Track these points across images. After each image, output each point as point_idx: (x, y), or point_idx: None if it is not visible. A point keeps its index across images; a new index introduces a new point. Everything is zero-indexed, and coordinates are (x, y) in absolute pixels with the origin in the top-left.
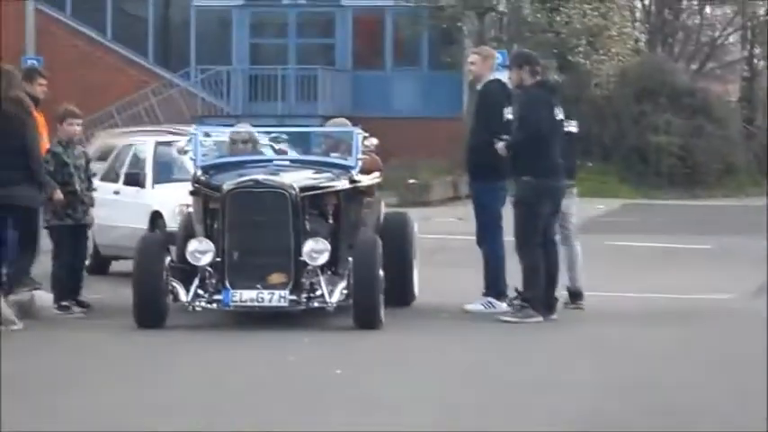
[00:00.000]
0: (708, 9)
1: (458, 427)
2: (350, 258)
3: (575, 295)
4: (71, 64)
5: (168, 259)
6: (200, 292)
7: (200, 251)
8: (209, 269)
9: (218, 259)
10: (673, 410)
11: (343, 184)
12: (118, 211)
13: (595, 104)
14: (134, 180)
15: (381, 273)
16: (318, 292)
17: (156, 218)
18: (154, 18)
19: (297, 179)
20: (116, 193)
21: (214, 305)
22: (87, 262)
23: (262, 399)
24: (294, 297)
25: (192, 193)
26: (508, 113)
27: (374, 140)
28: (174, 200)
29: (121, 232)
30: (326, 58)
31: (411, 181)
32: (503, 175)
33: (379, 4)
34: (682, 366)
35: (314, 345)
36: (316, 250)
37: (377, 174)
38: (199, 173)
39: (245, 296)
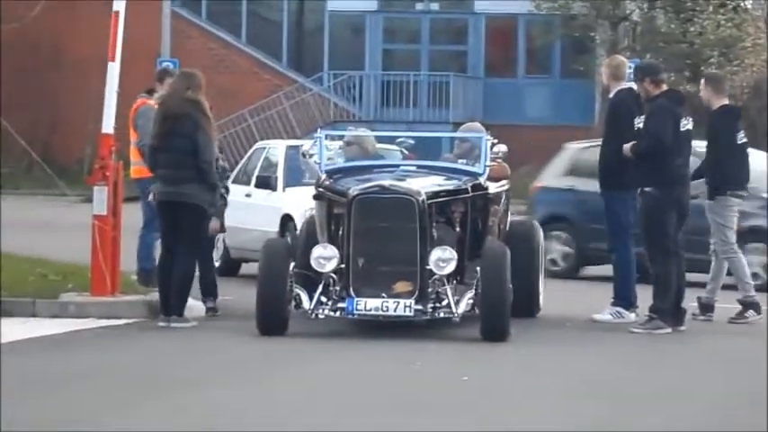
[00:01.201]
0: None
1: None
2: (477, 268)
3: (705, 307)
4: (205, 67)
5: (292, 265)
6: (323, 299)
7: (325, 257)
8: (334, 276)
9: (343, 266)
10: None
11: (470, 190)
12: (249, 214)
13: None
14: (265, 183)
15: (509, 283)
16: (444, 302)
17: (286, 221)
18: (288, 22)
19: (424, 185)
20: (247, 195)
21: (337, 313)
22: (217, 264)
23: (387, 402)
24: (420, 307)
25: (315, 197)
26: (639, 123)
27: (503, 147)
28: (304, 203)
29: (252, 235)
30: (459, 65)
31: None
32: (633, 184)
33: (512, 12)
34: None
35: (440, 353)
36: (443, 259)
37: (504, 181)
38: (323, 177)
39: (370, 305)
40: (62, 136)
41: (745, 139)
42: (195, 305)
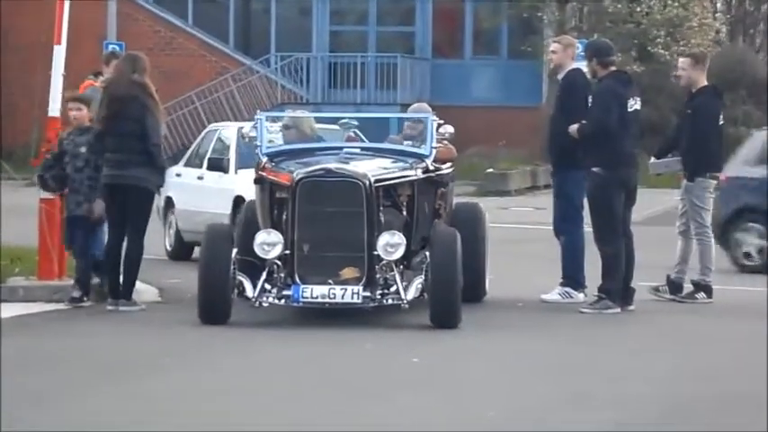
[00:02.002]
0: None
1: (533, 415)
2: (427, 253)
3: (675, 286)
4: (152, 50)
5: (235, 251)
6: (268, 286)
7: (269, 243)
8: (278, 262)
9: (287, 252)
10: (746, 400)
11: (417, 173)
12: (201, 197)
13: (674, 96)
14: (217, 165)
15: (460, 269)
16: (393, 289)
17: (239, 203)
18: (234, 4)
19: (370, 168)
20: (199, 178)
21: (282, 301)
22: (170, 248)
23: (336, 387)
24: (368, 293)
25: (256, 181)
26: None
27: (449, 128)
28: None
29: (204, 218)
30: (406, 47)
31: (489, 170)
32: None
33: None
34: (752, 358)
35: (389, 339)
36: (391, 244)
37: (450, 163)
38: (264, 160)
39: (316, 292)
40: (8, 119)
41: (722, 120)
42: (144, 288)
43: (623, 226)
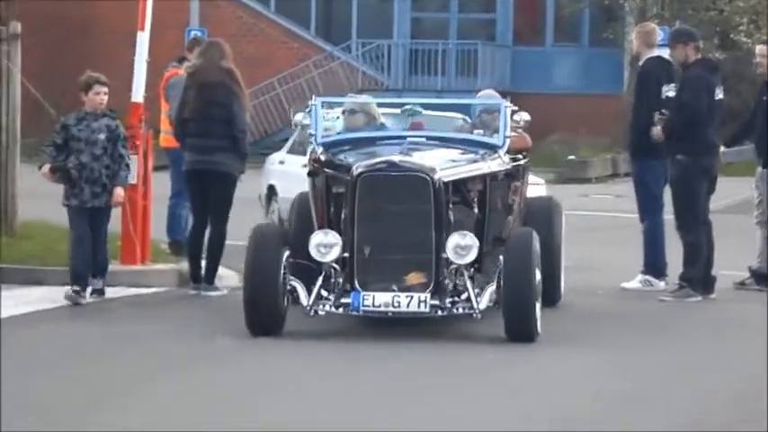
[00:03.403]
0: None
1: (611, 408)
2: (500, 257)
3: (760, 277)
4: (234, 36)
5: (286, 254)
6: (324, 293)
7: (326, 245)
8: (335, 266)
9: (346, 255)
10: None
11: (490, 166)
12: (306, 185)
13: (756, 83)
14: None
15: (539, 275)
16: (464, 296)
17: None
18: None
19: (438, 161)
20: (304, 166)
21: (341, 309)
22: None
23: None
24: (436, 301)
25: (310, 174)
26: (667, 91)
27: (525, 116)
28: None
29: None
30: (487, 34)
31: (570, 157)
32: (663, 152)
33: None
34: None
35: (460, 347)
36: (462, 246)
37: (524, 153)
38: (319, 151)
39: (379, 300)
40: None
41: None
42: (227, 274)
43: (704, 214)
